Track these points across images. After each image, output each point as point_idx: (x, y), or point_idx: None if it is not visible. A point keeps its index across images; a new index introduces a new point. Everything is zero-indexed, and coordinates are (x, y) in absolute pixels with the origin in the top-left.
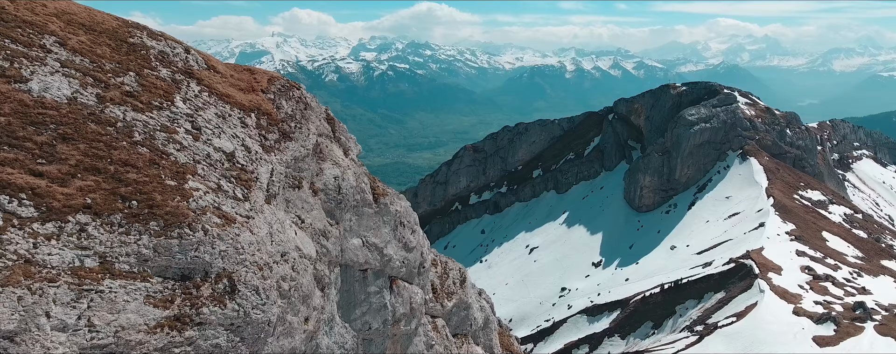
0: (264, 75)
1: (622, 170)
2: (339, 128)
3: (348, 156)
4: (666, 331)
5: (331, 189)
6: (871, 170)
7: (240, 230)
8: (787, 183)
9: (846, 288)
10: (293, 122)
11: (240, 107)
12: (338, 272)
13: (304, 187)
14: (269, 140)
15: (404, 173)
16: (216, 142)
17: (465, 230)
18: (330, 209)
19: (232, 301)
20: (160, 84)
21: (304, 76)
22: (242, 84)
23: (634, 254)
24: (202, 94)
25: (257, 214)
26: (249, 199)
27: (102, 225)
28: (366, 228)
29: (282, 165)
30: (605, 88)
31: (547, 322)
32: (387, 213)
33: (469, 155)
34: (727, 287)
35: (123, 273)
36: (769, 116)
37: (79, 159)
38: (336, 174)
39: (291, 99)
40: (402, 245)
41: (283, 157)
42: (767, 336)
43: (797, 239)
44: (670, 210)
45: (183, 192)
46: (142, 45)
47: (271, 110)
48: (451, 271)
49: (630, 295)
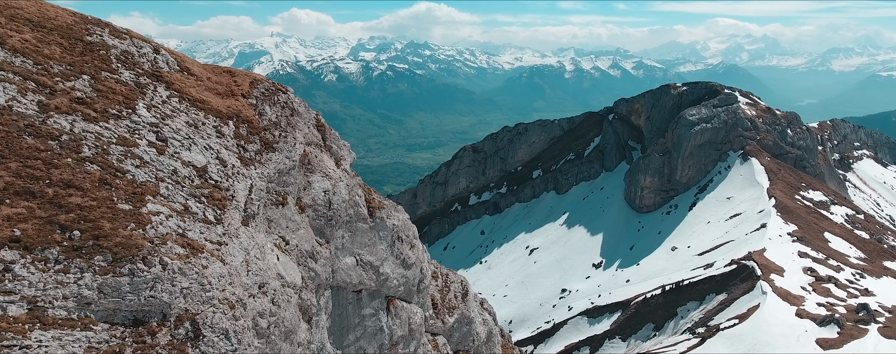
0: (246, 78)
1: (622, 171)
2: (330, 136)
3: (340, 167)
4: (667, 333)
5: (320, 204)
6: (871, 171)
7: (208, 260)
8: (788, 184)
9: (849, 290)
10: (278, 130)
11: (216, 115)
12: (328, 295)
13: (290, 203)
14: (248, 151)
15: (403, 173)
16: (185, 156)
17: (465, 231)
18: (319, 226)
19: (195, 350)
20: (120, 89)
21: (303, 76)
22: (221, 87)
23: (635, 255)
24: (171, 100)
25: (231, 239)
26: (223, 222)
27: (34, 263)
28: (360, 245)
29: (263, 180)
30: (604, 88)
31: (547, 324)
32: (383, 228)
33: (468, 155)
34: (729, 288)
35: (59, 321)
36: (770, 116)
37: (8, 181)
38: (326, 187)
39: (276, 104)
40: (399, 262)
41: (265, 171)
42: (770, 338)
43: (799, 241)
44: (671, 210)
45: (139, 218)
46: (101, 44)
47: (252, 117)
48: (452, 284)
49: (631, 297)
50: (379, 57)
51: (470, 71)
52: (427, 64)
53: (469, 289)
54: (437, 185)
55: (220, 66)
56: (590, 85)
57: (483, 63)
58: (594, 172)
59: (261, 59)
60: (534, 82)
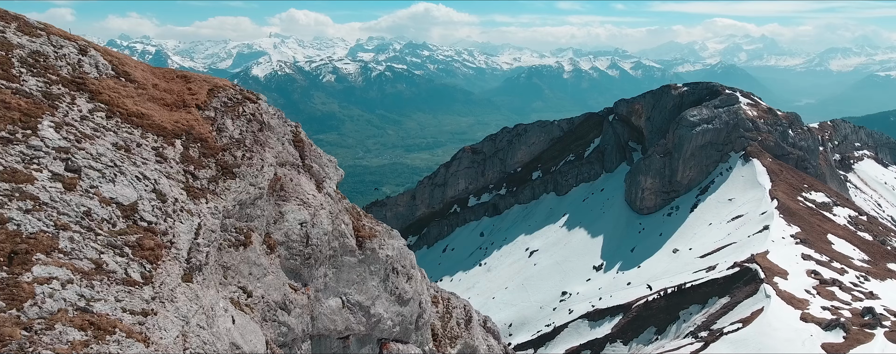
0: (204, 84)
1: (623, 172)
2: (310, 153)
3: (323, 190)
4: (669, 337)
5: (295, 240)
6: (872, 171)
7: (123, 344)
8: (790, 185)
9: (853, 293)
10: (241, 150)
11: (158, 132)
12: (307, 348)
13: (255, 242)
14: (199, 179)
15: (402, 174)
16: (107, 191)
17: (464, 233)
18: (294, 267)
19: None
20: (17, 103)
21: (301, 77)
22: (170, 97)
23: (636, 258)
24: (95, 116)
25: (164, 305)
26: (153, 281)
27: None
28: (347, 283)
29: (217, 216)
30: (602, 88)
31: (547, 327)
32: (375, 261)
33: (468, 156)
34: (732, 291)
35: None
36: (771, 117)
37: None
38: (303, 218)
39: (241, 116)
40: (394, 298)
41: (221, 204)
42: (775, 343)
43: (802, 243)
44: (672, 212)
45: (16, 290)
46: (1, 44)
47: (208, 134)
48: (454, 309)
49: (632, 300)
50: (377, 57)
51: (468, 71)
52: (425, 64)
53: (472, 315)
54: (435, 187)
55: (172, 70)
56: (588, 85)
57: (481, 63)
58: (594, 173)
59: (259, 59)
60: (532, 82)
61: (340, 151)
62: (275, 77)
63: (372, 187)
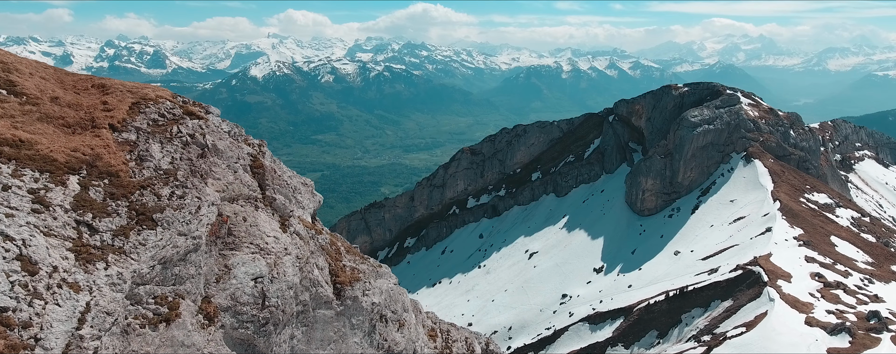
0: (127, 96)
1: (623, 173)
2: (274, 181)
3: (289, 229)
4: (671, 341)
5: (246, 302)
6: (873, 171)
7: None
8: (792, 186)
9: (858, 296)
10: (169, 187)
11: (41, 167)
12: None
13: (184, 315)
14: (99, 232)
15: (401, 174)
16: None
17: (463, 234)
18: (245, 337)
19: None
20: None
21: (299, 77)
22: (73, 114)
23: (637, 260)
24: None
25: None
26: None
27: None
28: (321, 343)
29: (121, 286)
30: (601, 88)
31: (548, 330)
32: (358, 312)
33: (466, 157)
34: (735, 294)
35: None
36: (773, 117)
37: None
38: (258, 272)
39: (174, 139)
40: (383, 353)
41: (131, 267)
42: (780, 347)
43: (805, 245)
44: (673, 213)
45: None
46: None
47: (120, 166)
48: (455, 343)
49: (633, 303)
50: (376, 57)
51: (467, 71)
52: (424, 64)
53: (475, 348)
54: (434, 188)
55: (88, 77)
56: (587, 85)
57: (480, 64)
58: (594, 174)
59: (257, 60)
60: (531, 83)
61: (339, 152)
62: (273, 77)
63: (370, 187)
